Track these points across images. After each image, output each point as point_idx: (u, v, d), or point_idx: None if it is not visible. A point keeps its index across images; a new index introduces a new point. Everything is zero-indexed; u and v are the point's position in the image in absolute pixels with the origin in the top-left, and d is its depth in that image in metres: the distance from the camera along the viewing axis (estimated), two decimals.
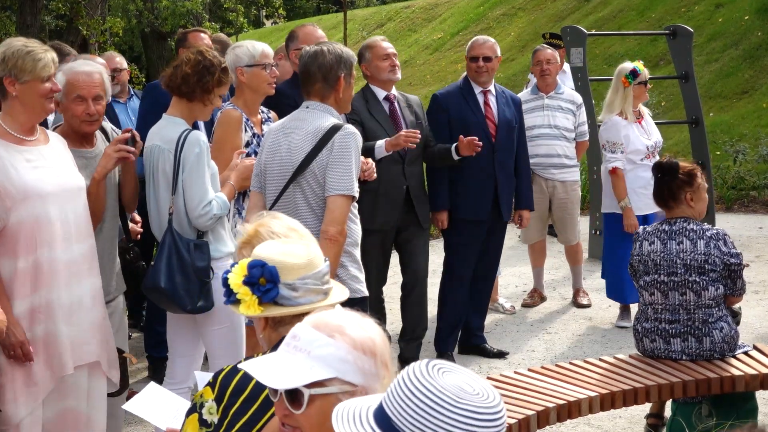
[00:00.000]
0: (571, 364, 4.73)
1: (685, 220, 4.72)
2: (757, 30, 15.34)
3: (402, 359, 5.96)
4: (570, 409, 4.27)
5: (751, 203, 10.93)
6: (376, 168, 4.84)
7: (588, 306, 7.39)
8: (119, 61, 6.89)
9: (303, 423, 1.90)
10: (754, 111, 13.47)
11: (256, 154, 4.63)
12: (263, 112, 5.02)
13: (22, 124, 3.80)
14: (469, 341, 6.45)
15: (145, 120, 5.26)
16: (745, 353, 4.75)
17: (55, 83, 3.85)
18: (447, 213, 6.18)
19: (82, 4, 13.35)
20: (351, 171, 4.11)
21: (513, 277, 8.32)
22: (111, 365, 4.07)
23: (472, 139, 5.74)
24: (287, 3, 32.07)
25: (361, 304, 4.15)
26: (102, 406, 4.06)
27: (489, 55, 6.22)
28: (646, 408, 5.10)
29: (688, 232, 4.67)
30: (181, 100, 4.32)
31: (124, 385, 4.22)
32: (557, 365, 4.72)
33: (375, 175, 4.82)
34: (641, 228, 4.90)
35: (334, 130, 4.15)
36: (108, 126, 4.50)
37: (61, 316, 3.81)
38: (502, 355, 6.37)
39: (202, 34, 6.04)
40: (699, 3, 17.23)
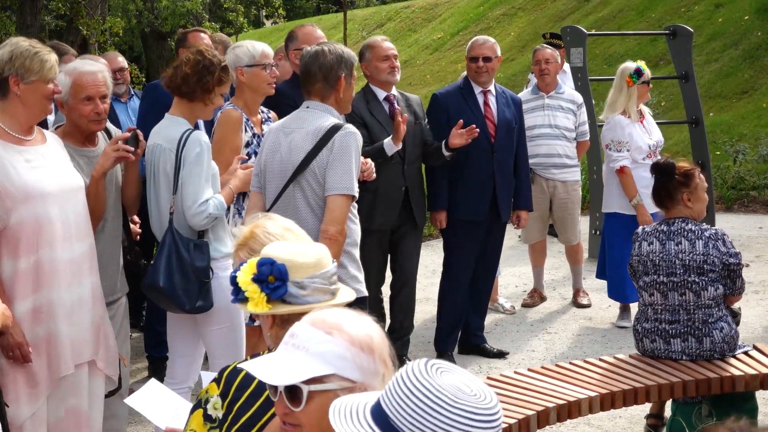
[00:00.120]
0: (571, 364, 4.73)
1: (684, 221, 4.72)
2: (757, 30, 15.35)
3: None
4: (570, 409, 4.27)
5: (751, 203, 10.92)
6: (375, 168, 4.84)
7: (588, 306, 7.39)
8: (122, 61, 6.91)
9: (303, 420, 1.91)
10: (754, 111, 13.47)
11: (256, 154, 4.63)
12: (263, 112, 5.02)
13: (21, 124, 3.81)
14: (469, 341, 6.45)
15: (145, 120, 5.27)
16: (745, 353, 4.76)
17: (57, 84, 3.86)
18: (445, 213, 6.18)
19: (82, 4, 13.35)
20: (351, 171, 4.11)
21: (513, 277, 8.32)
22: (110, 364, 4.07)
23: (471, 128, 5.74)
24: (287, 3, 32.08)
25: (361, 304, 4.14)
26: (99, 404, 4.05)
27: (489, 56, 6.22)
28: (646, 408, 5.10)
29: (686, 233, 4.67)
30: (182, 100, 4.32)
31: (120, 385, 4.22)
32: (557, 365, 4.72)
33: (374, 175, 4.83)
34: (640, 228, 4.90)
35: (335, 129, 4.14)
36: (111, 126, 4.50)
37: (62, 316, 3.82)
38: (502, 355, 6.37)
39: (202, 34, 6.04)
40: (699, 3, 17.23)
